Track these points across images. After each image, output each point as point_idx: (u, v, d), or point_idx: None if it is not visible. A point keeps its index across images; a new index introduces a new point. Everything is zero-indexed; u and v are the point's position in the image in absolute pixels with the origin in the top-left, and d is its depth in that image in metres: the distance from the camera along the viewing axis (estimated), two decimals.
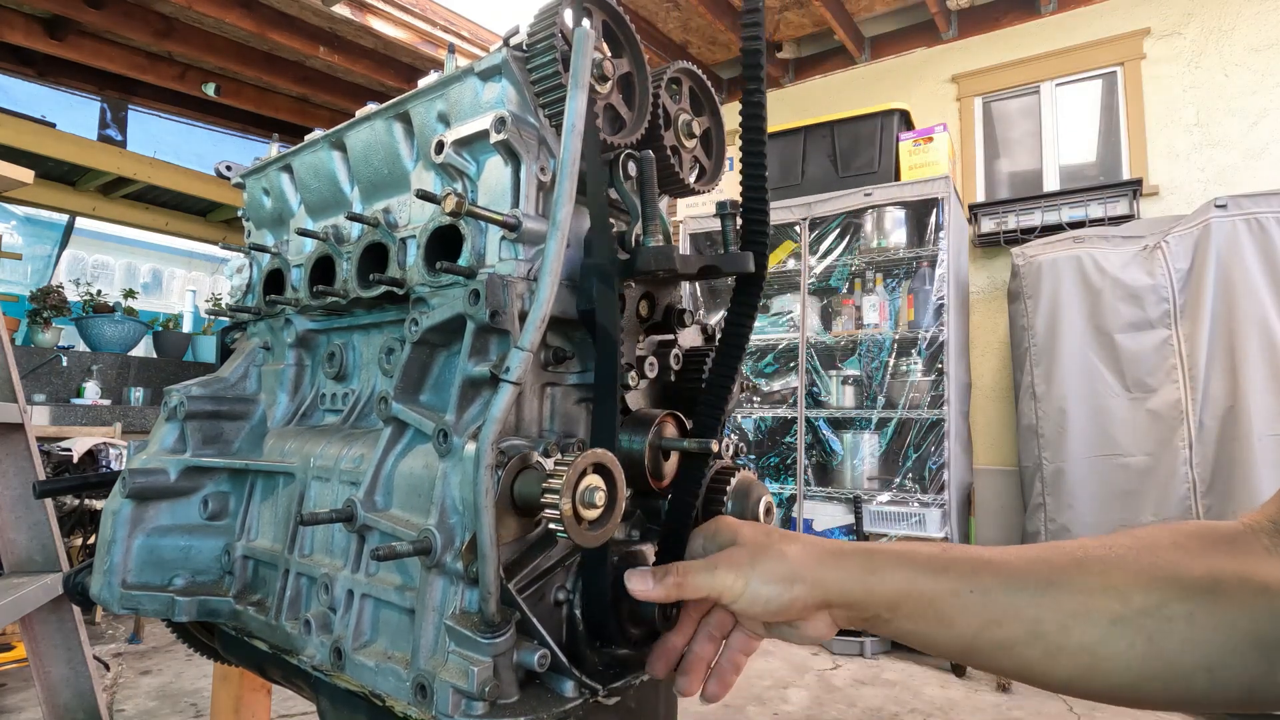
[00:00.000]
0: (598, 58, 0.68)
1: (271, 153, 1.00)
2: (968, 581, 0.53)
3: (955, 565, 0.54)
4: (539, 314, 0.57)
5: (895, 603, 0.55)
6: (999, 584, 0.52)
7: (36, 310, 4.63)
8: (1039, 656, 0.50)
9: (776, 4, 4.59)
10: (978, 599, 0.52)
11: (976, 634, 0.52)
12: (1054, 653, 0.50)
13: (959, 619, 0.53)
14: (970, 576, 0.53)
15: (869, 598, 0.56)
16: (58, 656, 1.62)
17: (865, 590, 0.56)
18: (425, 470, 0.63)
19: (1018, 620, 0.51)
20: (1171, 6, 3.97)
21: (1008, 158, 4.50)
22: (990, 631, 0.52)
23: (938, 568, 0.55)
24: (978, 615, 0.52)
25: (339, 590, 0.68)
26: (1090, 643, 0.48)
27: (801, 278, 3.79)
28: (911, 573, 0.55)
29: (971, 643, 0.53)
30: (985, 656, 0.53)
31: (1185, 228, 3.23)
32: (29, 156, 4.75)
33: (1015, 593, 0.51)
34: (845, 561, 0.57)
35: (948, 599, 0.53)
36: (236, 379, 0.96)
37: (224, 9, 3.98)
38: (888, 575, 0.55)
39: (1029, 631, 0.50)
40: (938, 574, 0.54)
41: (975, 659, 0.54)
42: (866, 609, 0.56)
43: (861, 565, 0.56)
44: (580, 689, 0.57)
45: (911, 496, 3.39)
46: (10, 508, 1.62)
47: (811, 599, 0.56)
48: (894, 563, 0.56)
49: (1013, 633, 0.51)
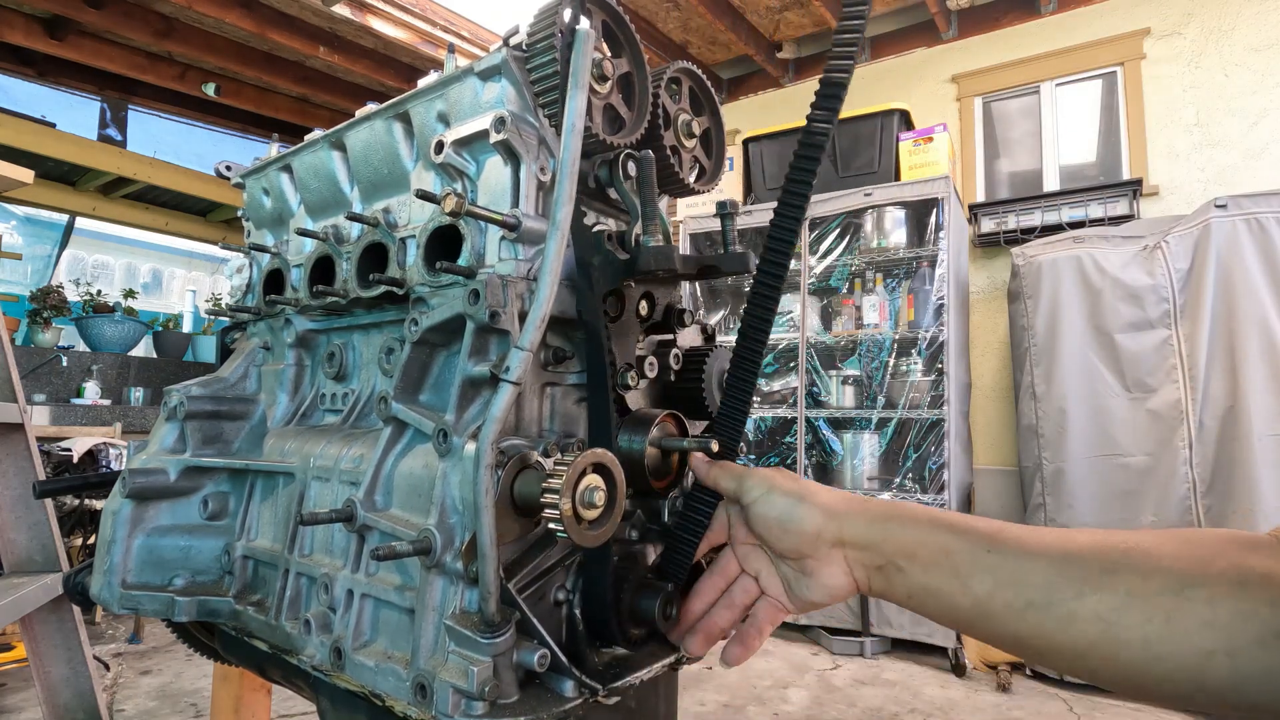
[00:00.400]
0: (597, 58, 0.68)
1: (271, 153, 1.00)
2: (986, 541, 0.54)
3: (976, 527, 0.55)
4: (539, 314, 0.57)
5: (911, 551, 0.55)
6: (1017, 549, 0.52)
7: (36, 310, 4.63)
8: (1051, 622, 0.50)
9: (776, 4, 4.59)
10: (995, 558, 0.53)
11: (990, 593, 0.52)
12: (1065, 620, 0.49)
13: (975, 575, 0.53)
14: (990, 538, 0.54)
15: (885, 541, 0.57)
16: (58, 656, 1.62)
17: (883, 534, 0.57)
18: (425, 470, 0.63)
19: (1032, 583, 0.51)
20: (1171, 6, 3.97)
21: (1008, 158, 4.50)
22: (1004, 592, 0.52)
23: (959, 527, 0.55)
24: (993, 573, 0.52)
25: (339, 590, 0.68)
26: (1104, 611, 0.47)
27: (801, 278, 3.78)
28: (932, 526, 0.56)
29: (985, 602, 0.52)
30: (997, 621, 0.52)
31: (1185, 228, 3.23)
32: (29, 156, 4.75)
33: (1033, 558, 0.51)
34: (867, 506, 0.59)
35: (965, 553, 0.54)
36: (236, 379, 0.96)
37: (224, 9, 3.98)
38: (908, 525, 0.57)
39: (1043, 596, 0.50)
40: (958, 532, 0.55)
41: (987, 624, 0.53)
42: (882, 553, 0.57)
43: (882, 511, 0.58)
44: (580, 689, 0.57)
45: (911, 496, 3.39)
46: (10, 508, 1.62)
47: (826, 532, 0.58)
48: (915, 515, 0.57)
49: (1027, 596, 0.51)
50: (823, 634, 3.38)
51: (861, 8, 0.61)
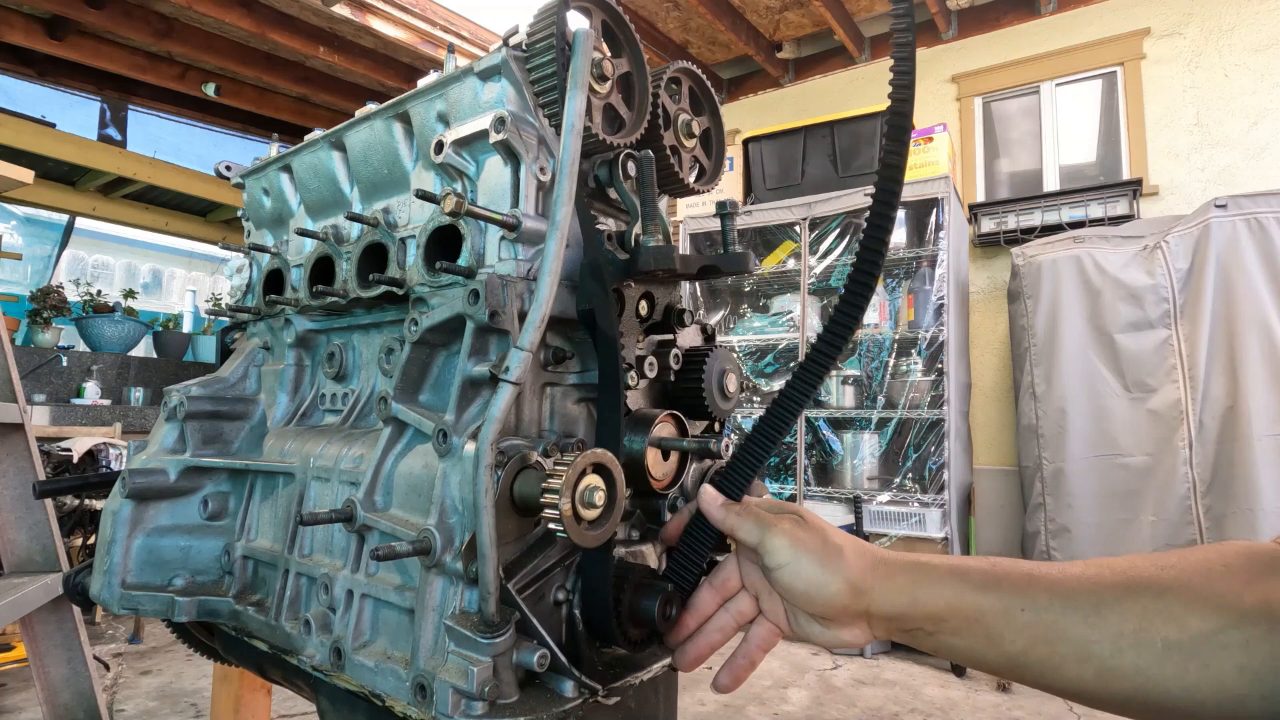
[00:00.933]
0: (597, 58, 0.68)
1: (271, 153, 1.00)
2: (1019, 599, 0.52)
3: (1006, 581, 0.53)
4: (538, 314, 0.57)
5: (941, 618, 0.54)
6: (1049, 602, 0.51)
7: (36, 310, 4.63)
8: (1091, 677, 0.49)
9: (776, 4, 4.59)
10: (1028, 617, 0.51)
11: (1024, 652, 0.51)
12: (1105, 675, 0.49)
13: (1007, 636, 0.52)
14: (1021, 593, 0.52)
15: (913, 610, 0.55)
16: (58, 656, 1.62)
17: (911, 603, 0.55)
18: (425, 470, 0.63)
19: (1068, 640, 0.50)
20: (1171, 6, 3.96)
21: (1008, 158, 4.50)
22: (1038, 650, 0.51)
23: (988, 583, 0.53)
24: (1026, 633, 0.51)
25: (339, 590, 0.68)
26: (1144, 665, 0.47)
27: (801, 278, 3.78)
28: (960, 588, 0.54)
29: (1019, 660, 0.52)
30: (1034, 674, 0.52)
31: (1185, 228, 3.23)
32: (29, 156, 4.74)
33: (1066, 612, 0.50)
34: (895, 574, 0.56)
35: (997, 616, 0.52)
36: (236, 379, 0.96)
37: (224, 9, 3.98)
38: (935, 589, 0.54)
39: (1079, 652, 0.49)
40: (987, 590, 0.53)
41: (1022, 675, 0.53)
42: (909, 622, 0.55)
43: (910, 578, 0.55)
44: (580, 689, 0.57)
45: (911, 496, 3.39)
46: (10, 508, 1.62)
47: (854, 605, 0.56)
48: (943, 577, 0.55)
49: (1063, 652, 0.50)
50: None
51: (905, 35, 0.58)
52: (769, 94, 5.32)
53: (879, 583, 0.56)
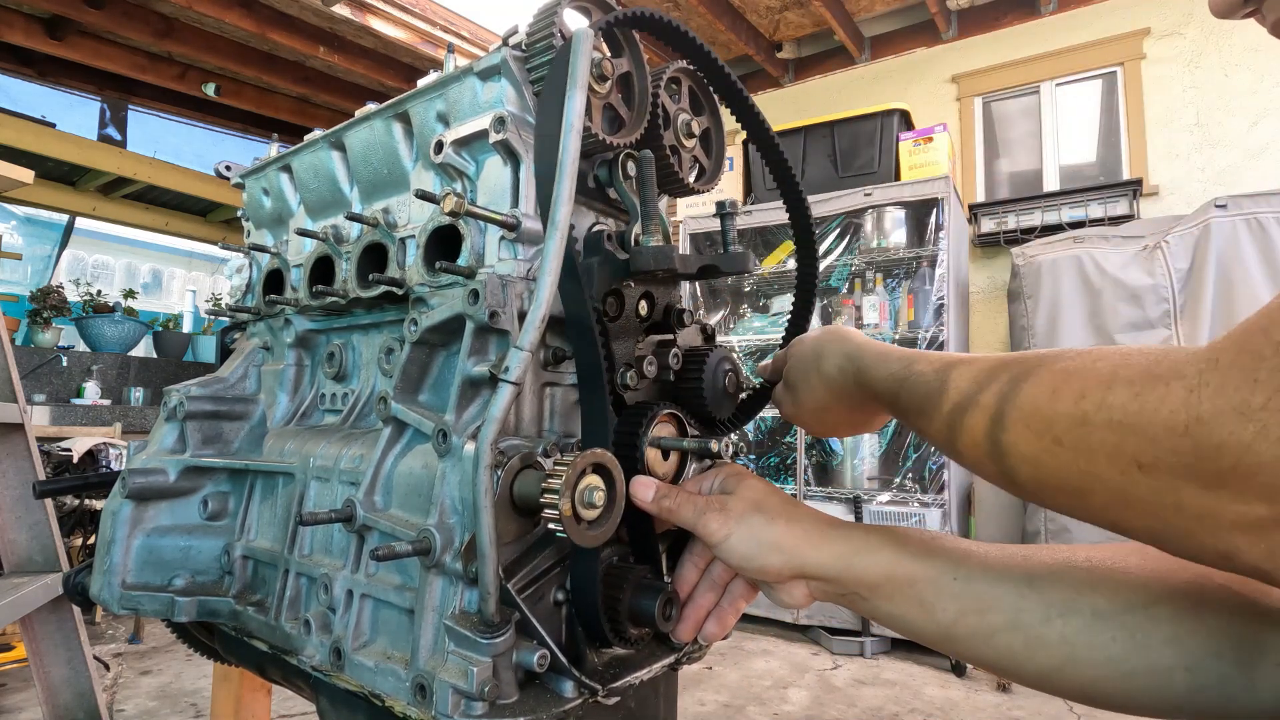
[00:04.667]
0: (597, 57, 0.68)
1: (271, 153, 1.00)
2: (952, 569, 0.53)
3: (942, 552, 0.55)
4: (538, 314, 0.57)
5: (875, 584, 0.55)
6: (983, 573, 0.52)
7: (36, 310, 4.63)
8: (1020, 647, 0.50)
9: (776, 4, 4.59)
10: (960, 585, 0.52)
11: (955, 621, 0.52)
12: (1033, 644, 0.49)
13: (939, 605, 0.53)
14: (955, 564, 0.53)
15: (846, 575, 0.56)
16: (58, 656, 1.62)
17: (844, 568, 0.56)
18: (425, 470, 0.63)
19: (999, 609, 0.51)
20: (1171, 6, 3.96)
21: (1008, 158, 4.50)
22: (969, 619, 0.52)
23: (925, 552, 0.55)
24: (958, 602, 0.52)
25: (339, 590, 0.68)
26: (1071, 634, 0.48)
27: None
28: (897, 555, 0.55)
29: (949, 629, 0.53)
30: (963, 644, 0.53)
31: (1185, 228, 3.23)
32: (29, 156, 4.74)
33: (998, 583, 0.51)
34: (831, 540, 0.58)
35: (929, 584, 0.53)
36: (236, 379, 0.96)
37: (224, 9, 3.98)
38: (871, 557, 0.56)
39: (1009, 621, 0.50)
40: (923, 559, 0.54)
41: (952, 646, 0.54)
42: (844, 586, 0.57)
43: (846, 546, 0.57)
44: (580, 689, 0.57)
45: (911, 496, 3.39)
46: (10, 508, 1.62)
47: (787, 569, 0.58)
48: (879, 544, 0.56)
49: (992, 621, 0.51)
50: (823, 634, 3.38)
51: None
52: (769, 94, 5.32)
53: (812, 551, 0.57)
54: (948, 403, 0.49)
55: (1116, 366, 0.37)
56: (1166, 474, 0.33)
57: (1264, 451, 0.29)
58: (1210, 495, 0.32)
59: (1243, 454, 0.30)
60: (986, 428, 0.44)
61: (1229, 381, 0.31)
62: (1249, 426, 0.29)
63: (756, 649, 3.32)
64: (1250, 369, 0.30)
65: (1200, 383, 0.32)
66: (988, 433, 0.44)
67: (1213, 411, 0.31)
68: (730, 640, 3.38)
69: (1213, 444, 0.31)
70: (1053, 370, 0.41)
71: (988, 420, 0.44)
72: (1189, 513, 0.33)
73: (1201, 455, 0.31)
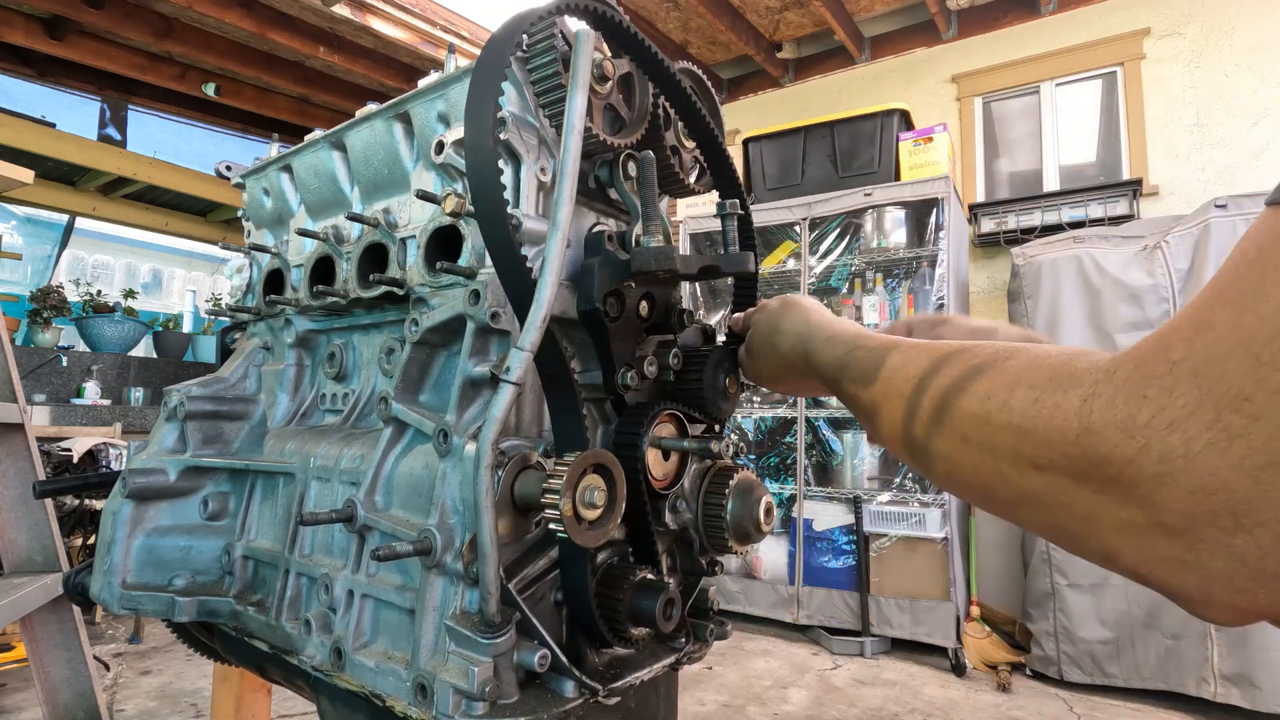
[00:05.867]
0: (598, 58, 0.68)
1: (271, 153, 1.00)
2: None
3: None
4: (539, 314, 0.57)
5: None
6: None
7: (36, 310, 4.63)
8: None
9: (776, 4, 4.59)
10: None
11: None
12: None
13: None
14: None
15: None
16: (58, 656, 1.62)
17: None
18: (425, 470, 0.63)
19: None
20: (1171, 6, 3.96)
21: (1008, 158, 4.50)
22: None
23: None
24: None
25: (339, 590, 0.68)
26: None
27: (801, 278, 3.79)
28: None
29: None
30: None
31: (1185, 228, 3.23)
32: (29, 156, 4.74)
33: None
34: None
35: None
36: (236, 379, 0.96)
37: (224, 9, 3.98)
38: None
39: None
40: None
41: None
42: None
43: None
44: (580, 689, 0.57)
45: (911, 496, 3.39)
46: (10, 508, 1.62)
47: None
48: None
49: None
50: (823, 634, 3.38)
51: None
52: (769, 94, 5.32)
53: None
54: (877, 390, 0.51)
55: (1023, 368, 0.39)
56: (1059, 476, 0.35)
57: (1145, 467, 0.30)
58: (1097, 499, 0.33)
59: (1125, 466, 0.31)
60: (903, 419, 0.46)
61: (1120, 395, 0.32)
62: (1132, 442, 0.31)
63: (756, 649, 3.32)
64: (1141, 386, 0.31)
65: (1094, 394, 0.33)
66: (904, 424, 0.46)
67: (1101, 424, 0.32)
68: (730, 640, 3.38)
69: (1100, 454, 0.32)
70: (967, 366, 0.43)
71: (904, 411, 0.46)
72: (1078, 513, 0.35)
73: (1089, 463, 0.33)
